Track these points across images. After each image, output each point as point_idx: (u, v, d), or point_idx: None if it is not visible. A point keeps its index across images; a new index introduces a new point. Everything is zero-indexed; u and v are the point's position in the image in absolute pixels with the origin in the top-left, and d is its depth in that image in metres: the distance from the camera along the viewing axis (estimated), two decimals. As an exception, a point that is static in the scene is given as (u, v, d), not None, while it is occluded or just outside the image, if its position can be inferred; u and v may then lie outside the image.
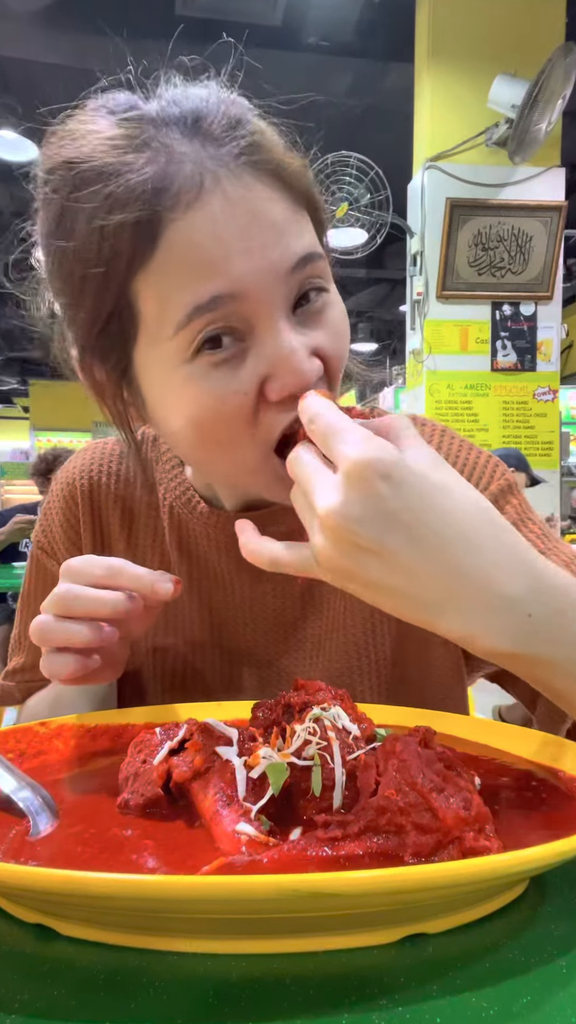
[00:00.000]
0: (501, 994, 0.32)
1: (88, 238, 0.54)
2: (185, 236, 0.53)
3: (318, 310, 0.58)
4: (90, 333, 0.59)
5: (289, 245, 0.55)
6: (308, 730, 0.48)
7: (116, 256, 0.53)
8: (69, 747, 0.59)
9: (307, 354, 0.55)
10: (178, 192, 0.52)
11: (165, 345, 0.55)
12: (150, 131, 0.54)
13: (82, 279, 0.56)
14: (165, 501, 0.77)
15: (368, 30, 4.27)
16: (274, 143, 0.58)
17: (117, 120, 0.55)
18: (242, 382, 0.55)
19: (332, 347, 0.59)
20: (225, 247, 0.53)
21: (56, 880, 0.31)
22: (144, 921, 0.36)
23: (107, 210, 0.53)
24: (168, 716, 0.63)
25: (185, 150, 0.53)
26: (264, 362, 0.55)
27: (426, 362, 3.99)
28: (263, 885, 0.31)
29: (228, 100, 0.57)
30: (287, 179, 0.57)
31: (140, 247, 0.53)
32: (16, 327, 11.27)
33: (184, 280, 0.53)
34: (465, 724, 0.59)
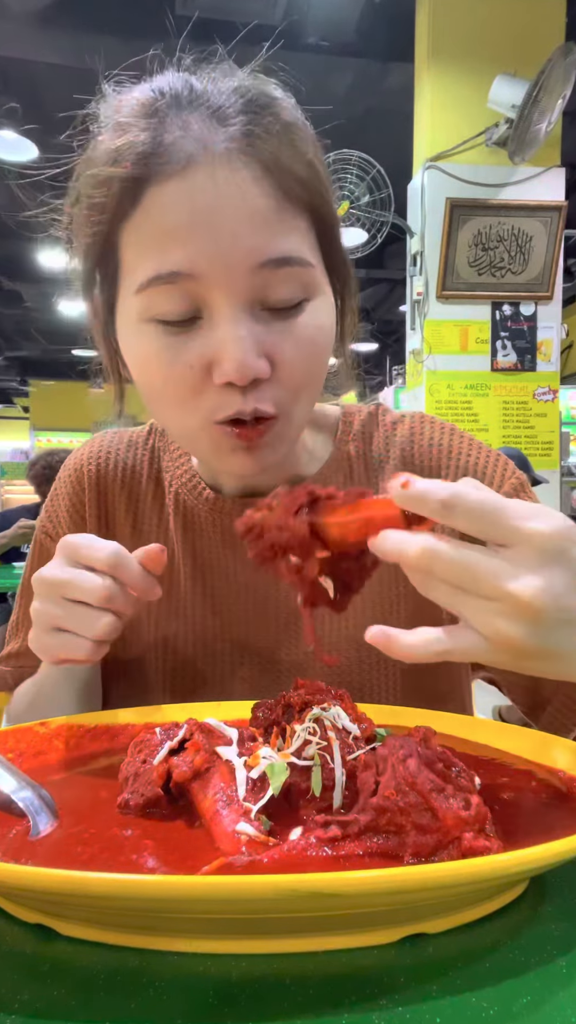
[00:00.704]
0: (501, 994, 0.32)
1: (88, 182, 0.59)
2: (162, 202, 0.55)
3: (290, 316, 0.58)
4: (87, 267, 0.63)
5: (265, 241, 0.55)
6: (308, 730, 0.48)
7: (105, 204, 0.57)
8: (69, 747, 0.59)
9: (255, 351, 0.56)
10: (167, 159, 0.54)
11: (131, 299, 0.58)
12: (164, 103, 0.57)
13: (81, 217, 0.60)
14: (171, 488, 0.78)
15: (368, 30, 4.26)
16: (287, 143, 0.57)
17: (147, 90, 0.59)
18: (189, 356, 0.57)
19: (293, 356, 0.58)
20: (196, 224, 0.54)
21: (56, 880, 0.31)
22: (144, 921, 0.36)
23: (106, 161, 0.57)
24: (168, 716, 0.63)
25: (189, 123, 0.55)
26: (210, 343, 0.56)
27: (426, 362, 3.99)
28: (263, 885, 0.31)
29: (248, 88, 0.58)
30: (286, 179, 0.56)
31: (124, 202, 0.56)
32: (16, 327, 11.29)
33: (152, 245, 0.56)
34: (465, 724, 0.59)
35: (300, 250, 0.58)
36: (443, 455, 0.75)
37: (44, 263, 8.27)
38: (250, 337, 0.56)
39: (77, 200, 0.61)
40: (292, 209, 0.57)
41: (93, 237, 0.60)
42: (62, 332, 11.51)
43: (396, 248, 5.00)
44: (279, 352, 0.58)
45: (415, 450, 0.76)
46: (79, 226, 0.61)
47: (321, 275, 0.61)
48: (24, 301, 10.19)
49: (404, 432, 0.77)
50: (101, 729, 0.62)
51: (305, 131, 0.61)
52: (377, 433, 0.78)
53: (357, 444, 0.77)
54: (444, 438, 0.76)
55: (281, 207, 0.56)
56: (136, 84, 0.60)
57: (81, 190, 0.60)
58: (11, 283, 9.21)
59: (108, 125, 0.59)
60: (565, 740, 0.52)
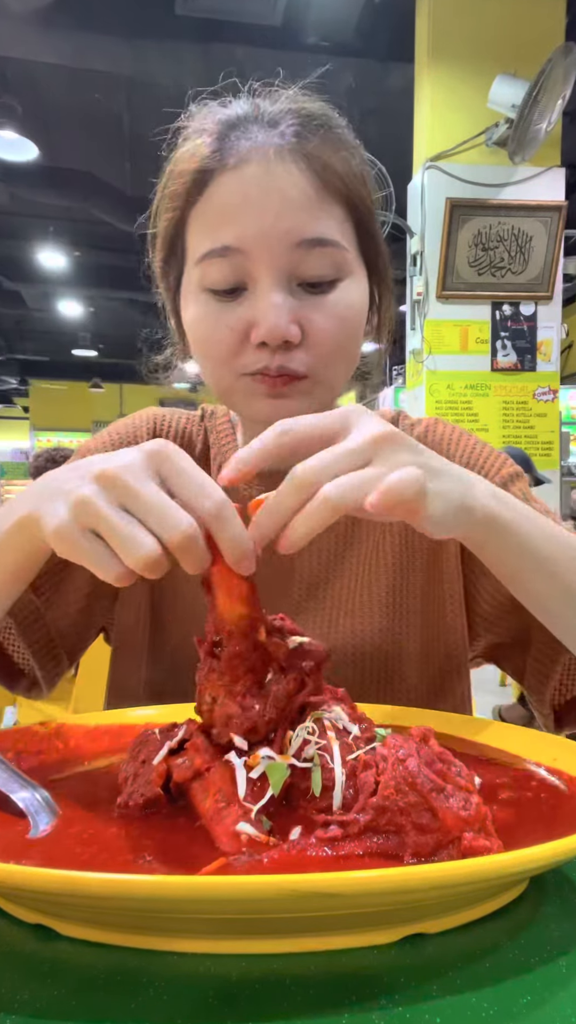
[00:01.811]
0: (501, 994, 0.32)
1: (168, 176, 0.70)
2: (221, 190, 0.66)
3: (323, 292, 0.67)
4: (164, 248, 0.73)
5: (303, 223, 0.65)
6: (308, 730, 0.48)
7: (179, 193, 0.69)
8: (69, 747, 0.59)
9: (287, 317, 0.65)
10: (229, 156, 0.66)
11: (192, 271, 0.69)
12: (233, 116, 0.69)
13: (160, 206, 0.72)
14: (215, 462, 0.82)
15: (368, 30, 4.26)
16: (329, 144, 0.67)
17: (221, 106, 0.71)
18: (232, 320, 0.67)
19: (322, 327, 0.67)
20: (246, 207, 0.65)
21: (56, 880, 0.31)
22: (144, 921, 0.36)
23: (183, 160, 0.69)
24: (168, 716, 0.63)
25: (250, 129, 0.67)
26: (251, 310, 0.66)
27: (426, 362, 3.99)
28: (263, 885, 0.31)
29: (300, 101, 0.69)
30: (326, 173, 0.66)
31: (194, 190, 0.67)
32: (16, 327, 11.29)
33: (211, 224, 0.66)
34: (465, 724, 0.60)
35: (334, 234, 0.67)
36: (451, 446, 0.82)
37: (44, 263, 8.28)
38: (284, 305, 0.65)
39: (162, 192, 0.72)
40: (330, 199, 0.66)
41: (169, 221, 0.71)
42: (62, 332, 11.52)
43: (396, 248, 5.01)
44: (309, 322, 0.66)
45: (428, 442, 0.82)
46: (160, 214, 0.73)
47: (355, 260, 0.70)
48: (24, 301, 10.20)
49: (420, 430, 0.84)
50: (101, 729, 0.62)
51: (348, 138, 0.71)
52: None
53: None
54: (454, 435, 0.84)
55: (319, 196, 0.66)
56: (217, 102, 0.72)
57: (165, 183, 0.71)
58: (11, 283, 9.21)
59: (190, 134, 0.70)
60: (565, 740, 0.52)
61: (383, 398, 5.80)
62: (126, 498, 0.45)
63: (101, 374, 12.84)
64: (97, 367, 12.80)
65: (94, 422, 13.56)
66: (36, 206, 6.74)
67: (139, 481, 0.45)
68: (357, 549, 0.79)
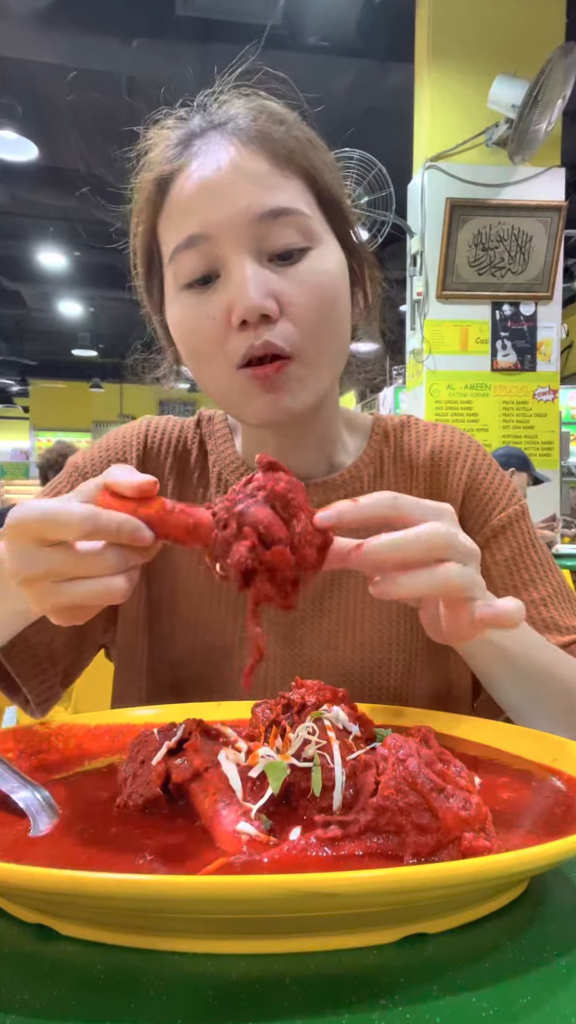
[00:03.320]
0: (501, 994, 0.32)
1: (136, 192, 0.72)
2: (180, 187, 0.67)
3: (295, 262, 0.66)
4: (143, 264, 0.74)
5: (261, 196, 0.65)
6: (308, 730, 0.48)
7: (146, 205, 0.70)
8: (69, 747, 0.59)
9: (261, 290, 0.64)
10: (186, 157, 0.67)
11: (167, 275, 0.70)
12: (189, 128, 0.70)
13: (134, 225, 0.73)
14: (215, 468, 0.81)
15: (368, 30, 4.26)
16: (277, 123, 0.68)
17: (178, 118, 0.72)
18: (211, 309, 0.66)
19: (299, 297, 0.66)
20: (204, 194, 0.65)
21: (56, 880, 0.31)
22: (144, 921, 0.36)
23: (144, 174, 0.70)
24: (168, 716, 0.63)
25: (206, 130, 0.69)
26: (227, 293, 0.65)
27: (426, 362, 3.99)
28: (263, 885, 0.31)
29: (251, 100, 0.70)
30: (275, 147, 0.67)
31: (158, 198, 0.69)
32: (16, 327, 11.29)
33: (177, 223, 0.67)
34: (465, 724, 0.60)
35: (293, 202, 0.66)
36: (464, 461, 0.81)
37: (44, 263, 8.28)
38: (255, 278, 0.64)
39: (134, 216, 0.73)
40: (285, 171, 0.67)
41: (142, 234, 0.72)
42: (62, 332, 11.51)
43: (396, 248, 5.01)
44: (286, 294, 0.66)
45: (442, 453, 0.82)
46: (135, 230, 0.73)
47: (321, 227, 0.69)
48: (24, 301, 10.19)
49: (435, 437, 0.83)
50: (101, 729, 0.62)
51: (294, 119, 0.71)
52: (409, 436, 0.84)
53: (389, 447, 0.83)
54: (471, 450, 0.83)
55: (273, 170, 0.66)
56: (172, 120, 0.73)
57: (133, 201, 0.73)
58: (11, 283, 9.21)
59: (150, 149, 0.72)
60: (565, 740, 0.52)
61: (383, 398, 5.80)
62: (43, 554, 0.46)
63: (101, 374, 12.83)
64: (97, 367, 12.80)
65: (94, 422, 13.56)
66: (36, 206, 6.73)
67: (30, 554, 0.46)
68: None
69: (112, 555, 0.47)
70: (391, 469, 0.81)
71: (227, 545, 0.47)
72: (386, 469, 0.81)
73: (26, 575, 0.46)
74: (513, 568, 0.78)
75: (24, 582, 0.47)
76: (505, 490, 0.81)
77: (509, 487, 0.82)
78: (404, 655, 0.77)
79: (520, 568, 0.78)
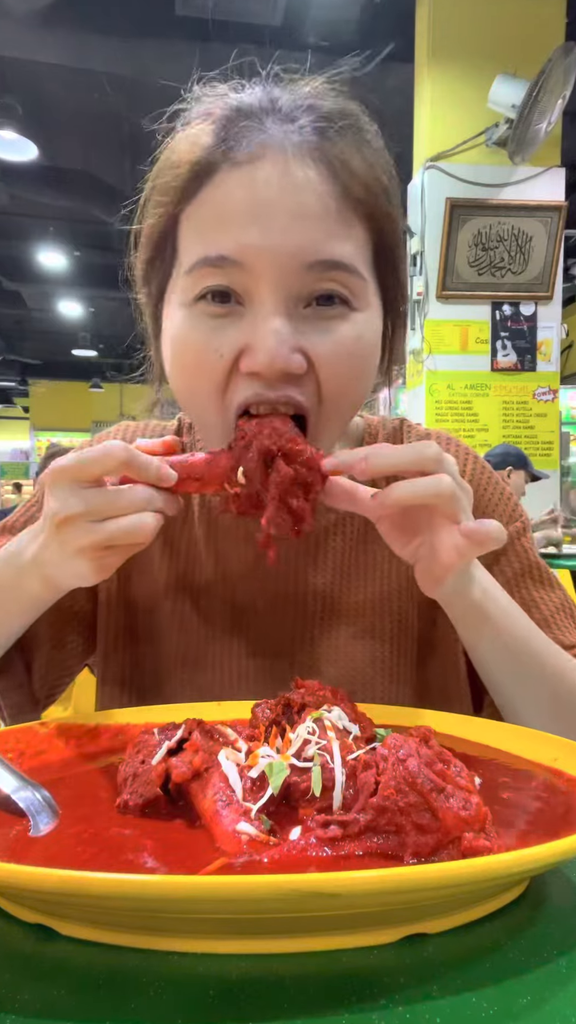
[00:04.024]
0: (501, 994, 0.32)
1: (163, 166, 0.61)
2: (224, 188, 0.56)
3: (330, 317, 0.58)
4: (148, 251, 0.64)
5: (317, 242, 0.55)
6: (308, 730, 0.48)
7: (173, 187, 0.59)
8: (69, 747, 0.59)
9: (289, 345, 0.56)
10: (236, 147, 0.56)
11: (181, 280, 0.60)
12: (244, 101, 0.59)
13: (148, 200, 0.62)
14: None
15: (368, 30, 4.26)
16: (358, 150, 0.58)
17: (231, 89, 0.61)
18: (222, 342, 0.57)
19: (330, 359, 0.58)
20: (251, 212, 0.55)
21: (56, 880, 0.31)
22: (144, 921, 0.36)
23: (181, 148, 0.59)
24: (168, 716, 0.63)
25: (263, 118, 0.57)
26: (246, 333, 0.57)
27: (426, 362, 3.99)
28: (263, 885, 0.31)
29: (324, 96, 0.60)
30: (351, 184, 0.56)
31: (191, 184, 0.58)
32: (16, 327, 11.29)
33: (208, 227, 0.57)
34: (465, 724, 0.60)
35: (353, 259, 0.57)
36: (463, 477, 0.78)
37: (44, 263, 8.28)
38: (285, 330, 0.56)
39: (152, 183, 0.62)
40: (351, 214, 0.57)
41: (158, 218, 0.61)
42: (62, 332, 11.51)
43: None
44: (316, 350, 0.57)
45: None
46: (148, 208, 0.63)
47: (372, 292, 0.61)
48: (24, 301, 10.19)
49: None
50: (101, 729, 0.62)
51: (379, 147, 0.61)
52: None
53: None
54: (468, 465, 0.79)
55: (341, 211, 0.56)
56: (228, 85, 0.62)
57: (156, 174, 0.62)
58: (11, 283, 9.21)
59: (192, 117, 0.61)
60: (565, 740, 0.52)
61: (383, 398, 5.80)
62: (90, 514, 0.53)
63: (101, 374, 12.84)
64: (97, 367, 12.80)
65: (94, 422, 13.56)
66: (36, 206, 6.73)
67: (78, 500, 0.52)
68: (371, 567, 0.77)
69: (142, 491, 0.54)
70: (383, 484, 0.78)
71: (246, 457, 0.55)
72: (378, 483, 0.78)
73: (65, 514, 0.52)
74: (517, 589, 0.76)
75: (63, 522, 0.52)
76: (506, 506, 0.79)
77: (510, 501, 0.80)
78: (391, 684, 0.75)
79: (524, 589, 0.76)
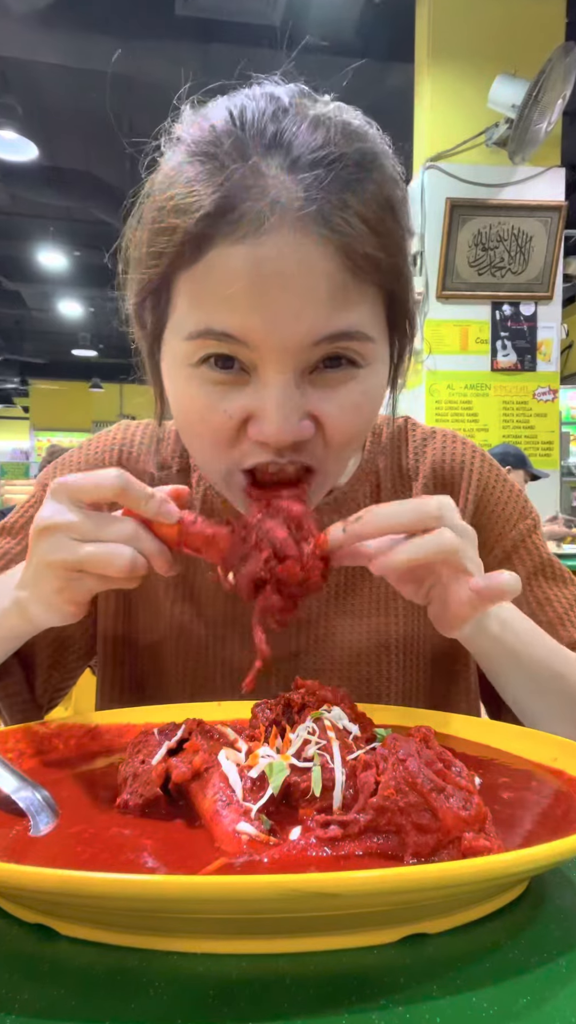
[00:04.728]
0: (501, 994, 0.32)
1: (154, 229, 0.56)
2: (226, 264, 0.52)
3: (339, 380, 0.57)
4: (141, 293, 0.61)
5: (327, 318, 0.53)
6: (308, 730, 0.48)
7: (168, 253, 0.55)
8: (69, 747, 0.59)
9: (297, 415, 0.55)
10: (238, 220, 0.51)
11: (180, 342, 0.57)
12: (240, 141, 0.53)
13: (139, 257, 0.59)
14: (199, 486, 0.78)
15: (368, 30, 4.26)
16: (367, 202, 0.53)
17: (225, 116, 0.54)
18: (229, 407, 0.56)
19: (337, 420, 0.57)
20: (256, 293, 0.52)
21: (56, 880, 0.31)
22: (144, 921, 0.36)
23: (173, 209, 0.54)
24: (168, 716, 0.63)
25: (264, 175, 0.52)
26: (253, 399, 0.55)
27: (426, 362, 3.99)
28: (263, 885, 0.31)
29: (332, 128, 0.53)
30: (361, 247, 0.53)
31: (186, 254, 0.54)
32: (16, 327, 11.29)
33: (210, 300, 0.54)
34: (465, 724, 0.60)
35: (362, 324, 0.56)
36: (471, 476, 0.78)
37: (44, 263, 8.28)
38: (292, 402, 0.55)
39: (142, 232, 0.59)
40: (362, 283, 0.55)
41: (150, 276, 0.58)
42: (62, 332, 11.51)
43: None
44: (322, 415, 0.57)
45: (444, 467, 0.78)
46: (139, 264, 0.59)
47: (382, 347, 0.59)
48: (24, 301, 10.19)
49: (436, 448, 0.79)
50: (101, 729, 0.62)
51: (390, 183, 0.56)
52: (406, 448, 0.80)
53: (385, 458, 0.79)
54: (476, 462, 0.79)
55: (348, 282, 0.53)
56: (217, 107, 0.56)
57: (151, 233, 0.57)
58: (11, 283, 9.21)
59: (179, 155, 0.55)
60: (565, 740, 0.52)
61: (383, 398, 5.79)
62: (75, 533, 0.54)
63: (101, 374, 12.84)
64: (97, 367, 12.80)
65: (94, 422, 13.57)
66: (36, 206, 6.74)
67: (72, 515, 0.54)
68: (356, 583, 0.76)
69: (130, 526, 0.54)
70: (388, 485, 0.78)
71: (243, 556, 0.54)
72: (383, 485, 0.77)
73: (49, 522, 0.53)
74: (530, 588, 0.77)
75: (45, 529, 0.54)
76: (516, 503, 0.79)
77: (520, 498, 0.80)
78: (399, 688, 0.75)
79: (537, 587, 0.77)
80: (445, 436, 0.80)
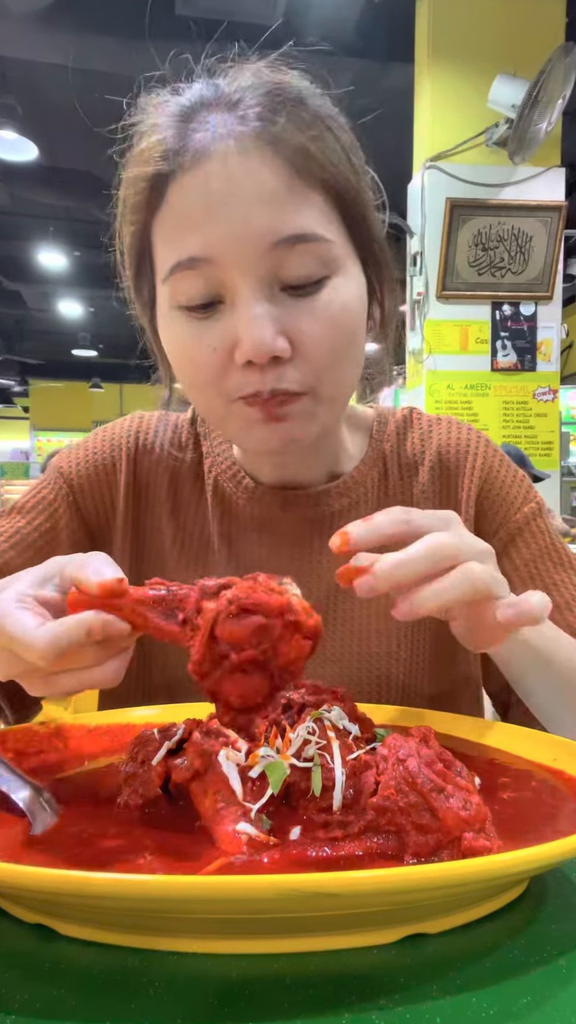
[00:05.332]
0: (501, 994, 0.32)
1: (126, 185, 0.62)
2: (181, 194, 0.58)
3: (311, 294, 0.59)
4: (132, 266, 0.66)
5: (277, 220, 0.57)
6: (308, 730, 0.48)
7: (139, 203, 0.61)
8: (69, 747, 0.59)
9: (272, 329, 0.57)
10: (186, 154, 0.58)
11: (162, 288, 0.62)
12: (190, 105, 0.60)
13: (122, 220, 0.64)
14: (211, 474, 0.78)
15: (368, 30, 4.26)
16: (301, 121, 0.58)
17: (177, 94, 0.62)
18: (212, 339, 0.59)
19: (314, 334, 0.59)
20: (210, 210, 0.57)
21: (56, 880, 0.31)
22: (144, 921, 0.36)
23: (137, 164, 0.61)
24: (168, 716, 0.63)
25: (208, 119, 0.58)
26: (231, 326, 0.58)
27: (426, 362, 3.99)
28: (263, 885, 0.31)
29: (263, 76, 0.60)
30: (299, 157, 0.58)
31: (153, 198, 0.60)
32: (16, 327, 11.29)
33: (175, 235, 0.59)
34: (465, 724, 0.60)
35: (315, 226, 0.58)
36: (475, 460, 0.79)
37: (44, 263, 8.28)
38: (267, 316, 0.57)
39: (122, 205, 0.64)
40: (307, 186, 0.58)
41: (132, 236, 0.64)
42: (62, 332, 11.51)
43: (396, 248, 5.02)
44: (299, 331, 0.59)
45: (449, 452, 0.79)
46: (123, 228, 0.65)
47: (343, 251, 0.61)
48: (24, 301, 10.19)
49: (441, 434, 0.81)
50: (102, 729, 0.62)
51: (325, 110, 0.61)
52: (412, 434, 0.81)
53: (392, 444, 0.80)
54: (480, 447, 0.80)
55: (294, 186, 0.57)
56: (168, 89, 0.63)
57: (123, 196, 0.63)
58: (11, 283, 9.21)
59: (143, 131, 0.62)
60: (565, 740, 0.52)
61: (383, 399, 5.80)
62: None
63: (101, 374, 12.84)
64: (97, 367, 12.80)
65: (94, 422, 13.56)
66: (36, 206, 6.73)
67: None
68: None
69: (92, 651, 0.47)
70: (395, 471, 0.79)
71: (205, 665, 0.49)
72: (390, 470, 0.79)
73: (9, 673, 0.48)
74: (535, 572, 0.76)
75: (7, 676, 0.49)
76: (520, 486, 0.79)
77: (524, 482, 0.80)
78: (406, 666, 0.76)
79: (542, 571, 0.76)
80: (450, 423, 0.82)
